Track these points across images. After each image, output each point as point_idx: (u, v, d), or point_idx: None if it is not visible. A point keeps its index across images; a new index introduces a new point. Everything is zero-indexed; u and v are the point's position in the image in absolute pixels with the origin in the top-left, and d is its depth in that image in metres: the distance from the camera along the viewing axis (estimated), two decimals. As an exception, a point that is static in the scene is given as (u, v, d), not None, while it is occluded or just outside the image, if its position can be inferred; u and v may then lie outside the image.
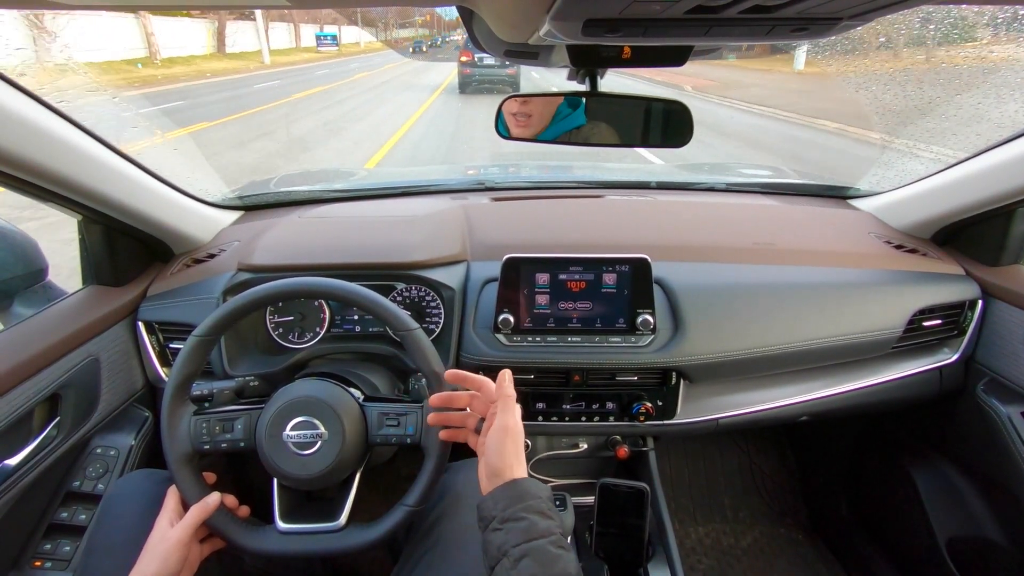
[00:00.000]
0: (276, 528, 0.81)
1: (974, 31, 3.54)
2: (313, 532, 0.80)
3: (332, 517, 0.81)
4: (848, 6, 0.44)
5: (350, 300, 0.85)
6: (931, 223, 1.30)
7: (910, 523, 1.36)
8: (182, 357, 0.82)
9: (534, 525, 0.60)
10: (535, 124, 1.01)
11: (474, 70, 12.61)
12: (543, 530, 0.60)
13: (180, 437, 0.81)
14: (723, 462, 1.82)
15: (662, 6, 0.43)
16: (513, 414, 0.71)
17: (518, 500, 0.62)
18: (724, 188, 1.66)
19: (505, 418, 0.71)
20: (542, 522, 0.61)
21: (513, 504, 0.62)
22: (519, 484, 0.64)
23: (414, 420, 0.83)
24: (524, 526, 0.60)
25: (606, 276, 1.08)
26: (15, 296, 1.13)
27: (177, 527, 0.76)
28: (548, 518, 0.62)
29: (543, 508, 0.63)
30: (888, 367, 1.22)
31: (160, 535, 0.76)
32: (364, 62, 26.72)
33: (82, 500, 1.04)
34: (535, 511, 0.62)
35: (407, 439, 0.83)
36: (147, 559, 0.74)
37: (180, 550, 0.75)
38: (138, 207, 1.09)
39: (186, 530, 0.76)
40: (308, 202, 1.54)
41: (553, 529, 0.61)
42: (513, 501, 0.62)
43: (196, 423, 0.82)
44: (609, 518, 1.06)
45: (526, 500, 0.63)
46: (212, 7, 1.08)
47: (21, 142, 0.82)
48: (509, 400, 0.73)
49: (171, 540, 0.75)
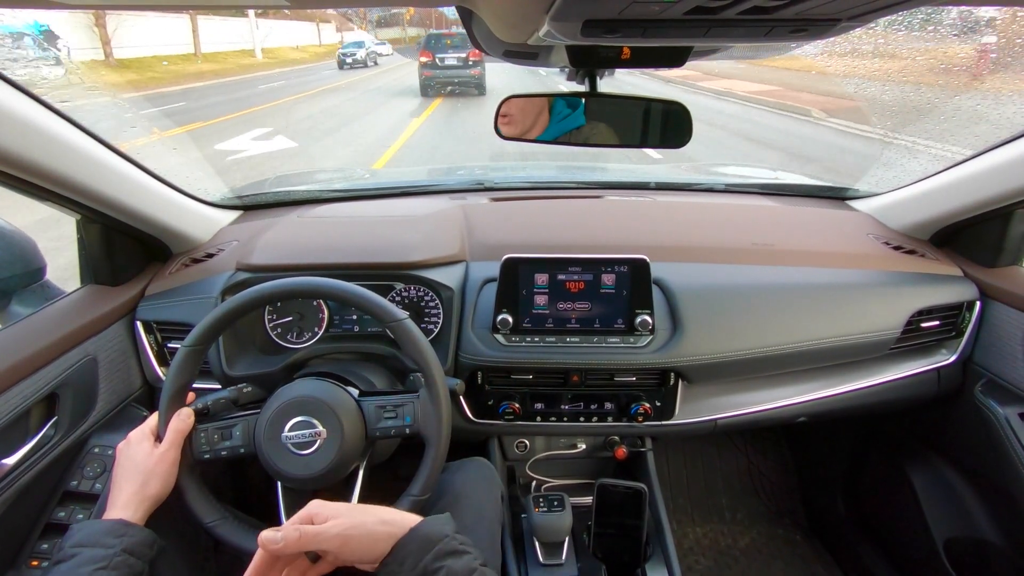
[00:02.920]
0: None
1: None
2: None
3: None
4: (847, 7, 0.44)
5: (334, 296, 0.86)
6: (929, 224, 1.30)
7: (908, 524, 1.36)
8: (174, 368, 0.83)
9: (451, 571, 0.57)
10: (535, 124, 1.01)
11: (435, 71, 11.77)
12: (460, 571, 0.58)
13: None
14: (721, 463, 1.82)
15: (661, 7, 0.43)
16: (317, 532, 0.62)
17: (425, 550, 0.59)
18: (723, 189, 1.67)
19: (316, 531, 0.62)
20: (457, 563, 0.58)
21: (423, 555, 0.59)
22: (418, 531, 0.61)
23: (411, 410, 0.83)
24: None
25: (605, 276, 1.08)
26: (13, 295, 1.13)
27: (169, 447, 0.78)
28: (461, 554, 0.59)
29: (453, 546, 0.60)
30: (886, 368, 1.22)
31: (155, 456, 0.77)
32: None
33: (79, 500, 1.03)
34: (446, 553, 0.59)
35: (406, 429, 0.83)
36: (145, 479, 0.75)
37: (174, 466, 0.77)
38: (136, 206, 1.09)
39: (175, 446, 0.78)
40: (307, 202, 1.54)
41: (471, 565, 0.59)
42: (422, 553, 0.59)
43: (195, 433, 0.83)
44: (607, 518, 1.05)
45: (433, 546, 0.59)
46: (212, 7, 1.08)
47: (21, 142, 0.82)
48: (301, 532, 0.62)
49: (168, 460, 0.77)
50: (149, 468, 0.76)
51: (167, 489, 0.77)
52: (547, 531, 1.05)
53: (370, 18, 27.47)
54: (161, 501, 0.77)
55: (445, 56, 11.61)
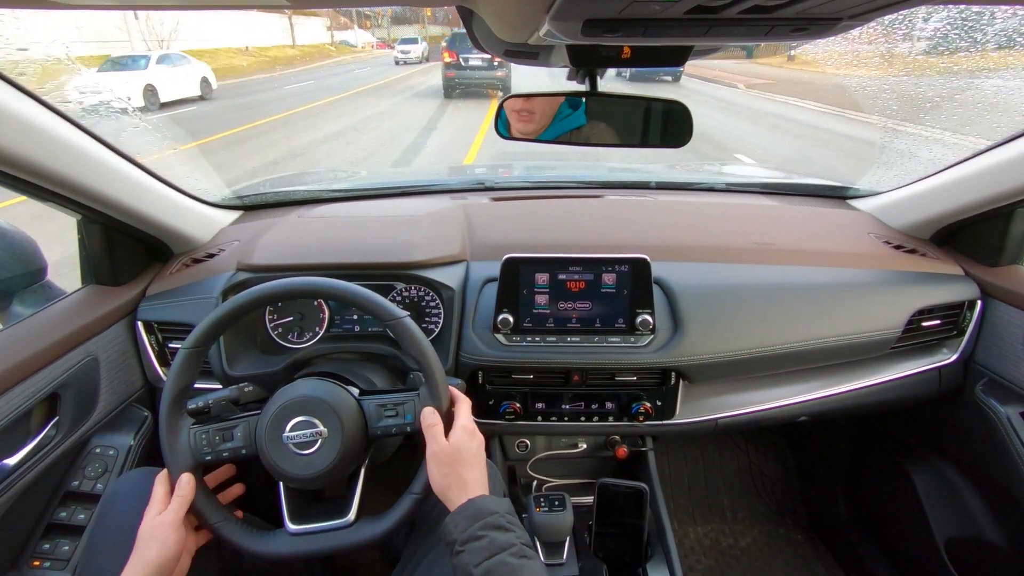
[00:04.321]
0: (287, 530, 0.81)
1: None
2: (324, 530, 0.81)
3: (341, 514, 0.81)
4: (847, 6, 0.44)
5: (333, 295, 0.85)
6: (930, 223, 1.30)
7: (909, 523, 1.36)
8: (175, 369, 0.82)
9: (493, 541, 0.63)
10: (535, 124, 1.01)
11: (459, 72, 11.20)
12: (502, 544, 0.63)
13: (181, 450, 0.81)
14: (722, 462, 1.82)
15: (661, 6, 0.43)
16: (437, 441, 0.76)
17: (475, 519, 0.65)
18: (724, 188, 1.67)
19: (430, 447, 0.76)
20: (500, 536, 0.64)
21: (471, 524, 0.65)
22: (474, 504, 0.68)
23: (411, 408, 0.83)
24: (484, 544, 0.63)
25: (605, 276, 1.08)
26: (14, 295, 1.13)
27: (167, 511, 0.77)
28: (507, 531, 0.65)
29: (501, 523, 0.66)
30: (887, 367, 1.22)
31: (152, 522, 0.76)
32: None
33: (81, 500, 1.04)
34: (492, 527, 0.65)
35: (407, 427, 0.83)
36: (144, 545, 0.74)
37: (175, 531, 0.75)
38: (137, 207, 1.09)
39: (176, 513, 0.77)
40: (307, 202, 1.54)
41: (512, 541, 0.64)
42: (471, 521, 0.65)
43: (196, 435, 0.82)
44: (608, 518, 1.06)
45: (483, 517, 0.66)
46: (212, 7, 1.08)
47: (21, 142, 0.82)
48: (431, 429, 0.77)
49: (165, 523, 0.75)
50: (147, 533, 0.75)
51: (167, 554, 0.73)
52: (548, 531, 1.05)
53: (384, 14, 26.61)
54: (167, 568, 0.74)
55: (470, 56, 11.11)
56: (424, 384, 0.84)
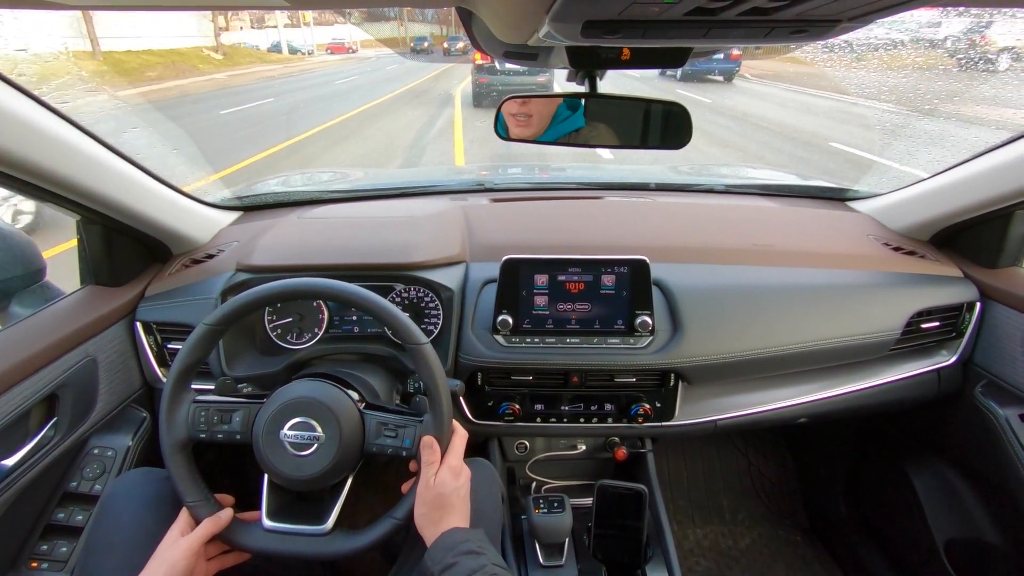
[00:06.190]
0: (261, 525, 0.81)
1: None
2: (298, 533, 0.80)
3: (319, 520, 0.80)
4: (847, 8, 0.44)
5: (367, 308, 0.84)
6: (929, 225, 1.30)
7: (908, 525, 1.36)
8: (190, 343, 0.82)
9: (465, 566, 0.69)
10: (535, 125, 1.01)
11: (493, 78, 9.26)
12: (473, 567, 0.68)
13: (178, 423, 0.81)
14: (721, 464, 1.82)
15: (661, 8, 0.43)
16: (426, 480, 0.79)
17: (449, 549, 0.72)
18: (723, 190, 1.67)
19: (421, 482, 0.79)
20: (472, 561, 0.69)
21: (446, 554, 0.71)
22: (447, 536, 0.74)
23: (411, 434, 0.83)
24: (457, 569, 0.69)
25: (605, 277, 1.08)
26: (13, 296, 1.13)
27: (188, 537, 0.77)
28: (478, 555, 0.71)
29: (472, 548, 0.72)
30: (886, 369, 1.22)
31: (169, 542, 0.77)
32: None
33: (79, 501, 1.03)
34: (463, 553, 0.71)
35: (402, 451, 0.83)
36: (155, 564, 0.74)
37: (187, 559, 0.75)
38: (136, 207, 1.09)
39: (195, 541, 0.77)
40: (307, 202, 1.54)
41: (482, 563, 0.69)
42: (446, 552, 0.71)
43: (195, 410, 0.82)
44: (607, 520, 1.05)
45: (456, 547, 0.71)
46: (212, 7, 1.08)
47: (21, 142, 0.82)
48: (427, 467, 0.80)
49: (180, 548, 0.75)
50: (162, 551, 0.76)
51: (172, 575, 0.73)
52: (547, 532, 1.05)
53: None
54: None
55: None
56: (430, 412, 0.83)
